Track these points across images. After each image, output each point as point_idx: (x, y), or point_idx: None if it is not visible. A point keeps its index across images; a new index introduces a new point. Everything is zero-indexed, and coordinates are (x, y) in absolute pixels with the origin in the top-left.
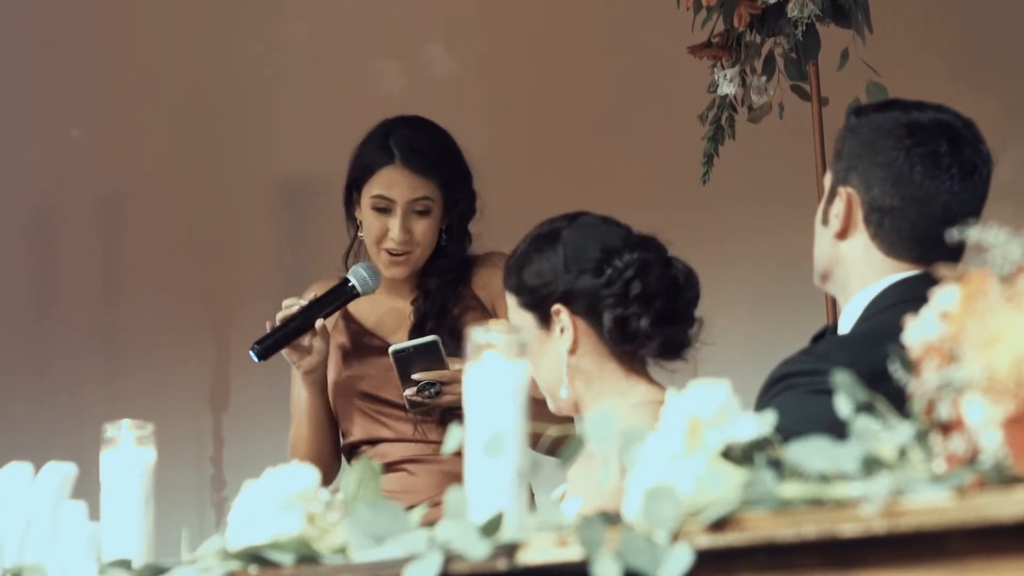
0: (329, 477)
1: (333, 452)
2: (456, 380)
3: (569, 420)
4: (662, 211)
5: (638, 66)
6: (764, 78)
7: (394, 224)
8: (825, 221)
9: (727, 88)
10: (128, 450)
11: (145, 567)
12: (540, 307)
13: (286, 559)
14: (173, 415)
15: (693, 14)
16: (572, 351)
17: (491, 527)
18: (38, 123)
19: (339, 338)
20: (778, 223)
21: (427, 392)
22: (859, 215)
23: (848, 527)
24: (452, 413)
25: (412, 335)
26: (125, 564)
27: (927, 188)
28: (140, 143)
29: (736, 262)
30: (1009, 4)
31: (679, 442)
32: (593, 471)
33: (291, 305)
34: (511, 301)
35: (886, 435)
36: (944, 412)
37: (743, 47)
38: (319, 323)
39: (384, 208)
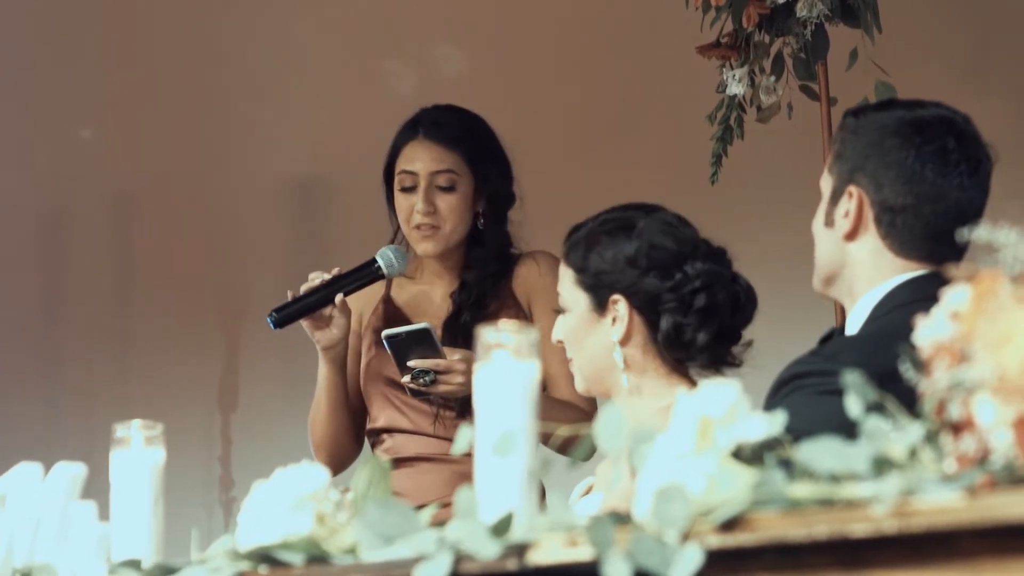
0: (346, 457)
1: (350, 432)
2: (452, 370)
3: (581, 419)
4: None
5: (647, 66)
6: (773, 78)
7: (418, 199)
8: (829, 223)
9: (736, 88)
10: (138, 450)
11: (155, 567)
12: (599, 292)
13: (296, 559)
14: (182, 415)
15: (702, 14)
16: (623, 343)
17: (501, 527)
18: (47, 124)
19: (376, 322)
20: (787, 223)
21: (422, 380)
22: (869, 215)
23: (859, 527)
24: (471, 407)
25: (447, 326)
26: (135, 564)
27: (939, 185)
28: (150, 144)
29: (745, 262)
30: (1018, 5)
31: (690, 442)
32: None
33: (316, 278)
34: (567, 274)
35: (896, 435)
36: (955, 412)
37: (752, 47)
38: (339, 298)
39: (410, 186)
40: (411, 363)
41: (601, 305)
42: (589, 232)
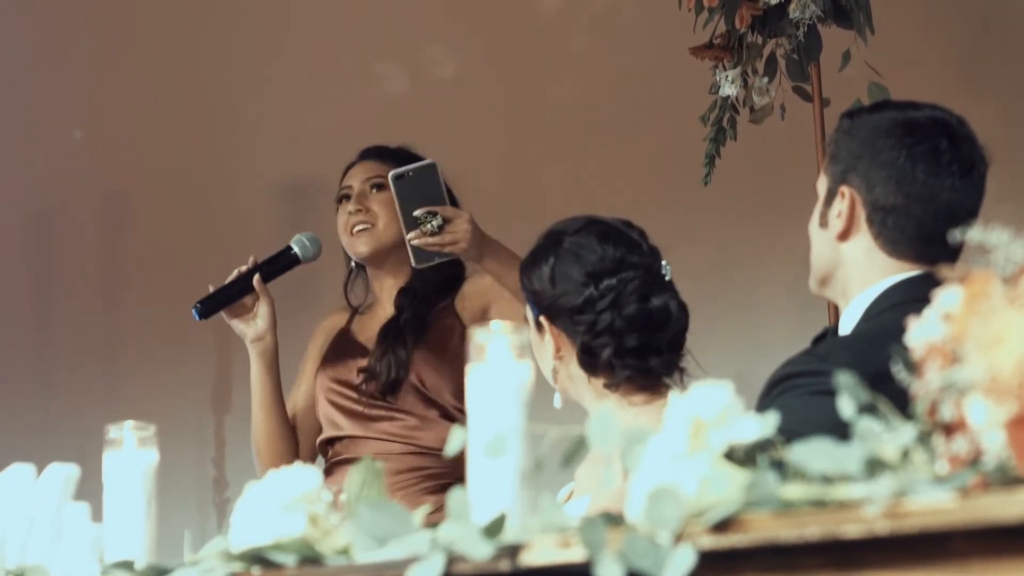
0: (283, 457)
1: (286, 437)
2: (460, 216)
3: None
4: (664, 212)
5: (640, 67)
6: (766, 79)
7: (350, 204)
8: (824, 224)
9: (729, 89)
10: (131, 451)
11: (147, 568)
12: (532, 311)
13: (289, 560)
14: (175, 416)
15: (695, 15)
16: (559, 359)
17: (494, 528)
18: (39, 124)
19: (330, 351)
20: (779, 224)
21: (429, 226)
22: (861, 215)
23: (851, 528)
24: (394, 389)
25: (387, 327)
26: (127, 565)
27: (930, 186)
28: (141, 144)
29: (737, 262)
30: (1011, 5)
31: (682, 443)
32: (599, 470)
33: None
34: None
35: (889, 436)
36: (947, 413)
37: (745, 48)
38: (256, 279)
39: (345, 196)
40: (417, 212)
41: (537, 324)
42: (528, 254)
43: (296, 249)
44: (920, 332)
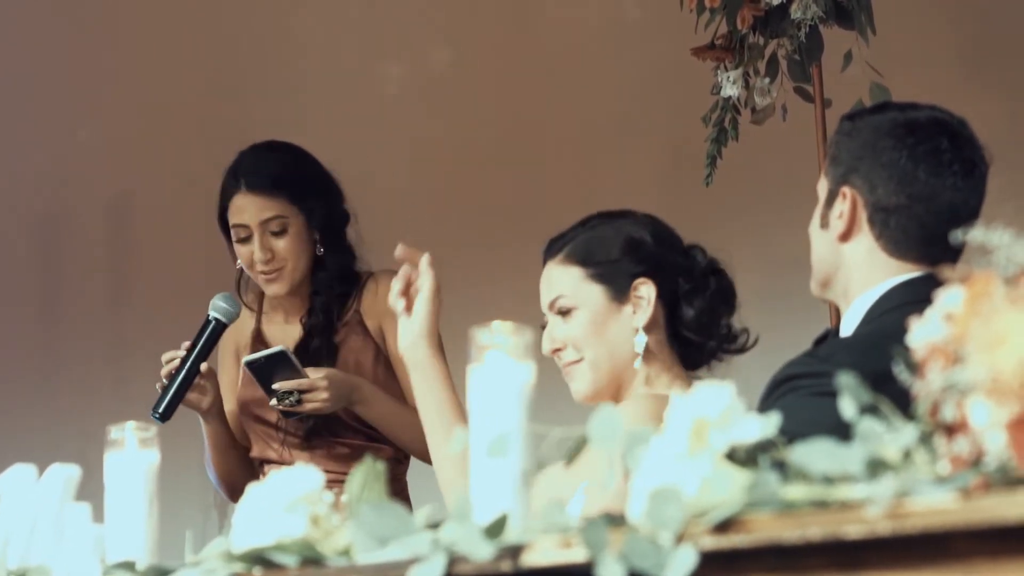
0: (245, 479)
1: (243, 467)
2: (315, 387)
3: None
4: (664, 213)
5: (641, 67)
6: (767, 80)
7: (255, 248)
8: (825, 225)
9: (730, 90)
10: (132, 452)
11: (149, 569)
12: (617, 279)
13: (290, 561)
14: (177, 417)
15: (696, 16)
16: (645, 330)
17: (495, 529)
18: (45, 126)
19: (246, 349)
20: (781, 224)
21: (287, 401)
22: (863, 216)
23: (853, 529)
24: (315, 434)
25: (298, 352)
26: (129, 566)
27: (932, 185)
28: (146, 145)
29: (739, 264)
30: (1013, 5)
31: (684, 443)
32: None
33: (171, 359)
34: (570, 273)
35: (890, 437)
36: (949, 414)
37: (746, 49)
38: (204, 367)
39: (245, 237)
40: (275, 386)
41: (622, 292)
42: (588, 227)
43: (219, 316)
44: (922, 333)
